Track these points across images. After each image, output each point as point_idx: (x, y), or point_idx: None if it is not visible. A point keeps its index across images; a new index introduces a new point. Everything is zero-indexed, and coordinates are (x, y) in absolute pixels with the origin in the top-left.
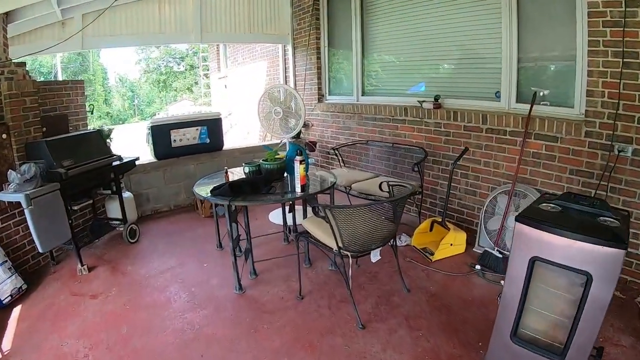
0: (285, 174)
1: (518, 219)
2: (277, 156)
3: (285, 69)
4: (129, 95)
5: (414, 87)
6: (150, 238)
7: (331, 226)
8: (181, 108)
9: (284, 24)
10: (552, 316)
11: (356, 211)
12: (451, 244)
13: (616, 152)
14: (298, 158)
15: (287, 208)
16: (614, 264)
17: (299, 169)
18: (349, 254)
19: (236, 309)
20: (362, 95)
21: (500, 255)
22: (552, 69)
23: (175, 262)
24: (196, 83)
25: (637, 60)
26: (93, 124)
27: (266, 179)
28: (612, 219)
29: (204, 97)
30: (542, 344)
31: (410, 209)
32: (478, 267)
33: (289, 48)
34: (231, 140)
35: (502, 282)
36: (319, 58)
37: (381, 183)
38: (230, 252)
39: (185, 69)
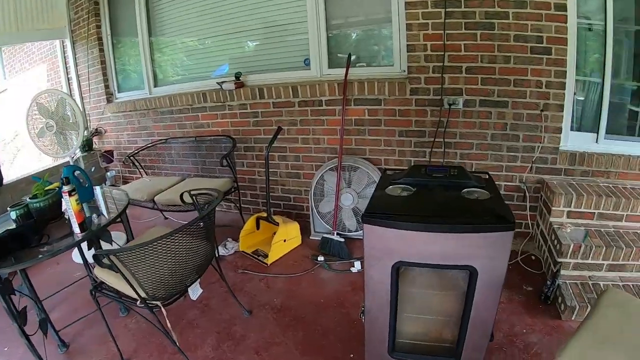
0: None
1: (365, 219)
2: (48, 187)
3: (67, 69)
4: None
5: (218, 70)
6: None
7: (123, 275)
8: None
9: (59, 14)
10: (435, 318)
11: (149, 249)
12: (284, 240)
13: (447, 106)
14: (65, 189)
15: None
16: (502, 248)
17: (69, 202)
18: (158, 303)
19: None
20: (155, 86)
21: (342, 240)
22: (366, 27)
23: None
24: None
25: (460, 9)
26: None
27: (38, 223)
28: (478, 189)
29: None
30: (427, 349)
31: (230, 206)
32: (321, 258)
33: (68, 43)
34: (20, 168)
35: (352, 269)
36: (102, 50)
37: (182, 194)
38: (19, 333)
39: None
